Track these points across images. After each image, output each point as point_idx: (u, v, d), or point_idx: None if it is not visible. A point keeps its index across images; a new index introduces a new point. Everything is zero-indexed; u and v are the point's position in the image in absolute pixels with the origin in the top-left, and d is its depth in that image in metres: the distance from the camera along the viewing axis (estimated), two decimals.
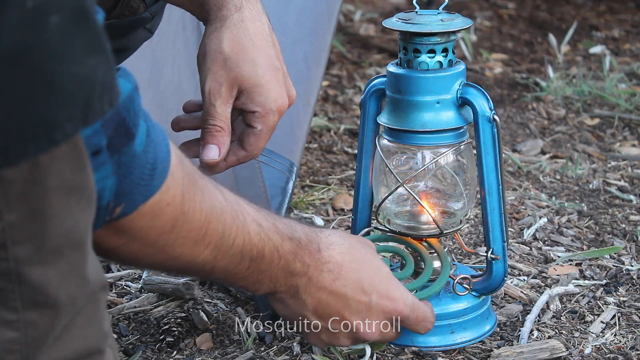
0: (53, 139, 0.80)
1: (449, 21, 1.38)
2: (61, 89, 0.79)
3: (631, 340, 1.48)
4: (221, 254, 1.09)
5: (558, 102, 2.48)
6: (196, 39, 1.71)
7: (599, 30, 3.09)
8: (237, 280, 1.16)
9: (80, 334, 0.91)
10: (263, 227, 1.13)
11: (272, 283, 1.19)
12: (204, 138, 1.32)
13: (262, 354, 1.45)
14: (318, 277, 1.22)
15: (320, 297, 1.23)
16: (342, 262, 1.23)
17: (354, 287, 1.24)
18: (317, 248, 1.22)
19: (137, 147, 0.95)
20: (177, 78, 1.76)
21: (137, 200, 0.97)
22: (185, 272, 1.13)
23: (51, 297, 0.87)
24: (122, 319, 1.56)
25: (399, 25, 1.39)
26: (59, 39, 0.79)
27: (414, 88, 1.39)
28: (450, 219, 1.47)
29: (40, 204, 0.85)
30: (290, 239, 1.18)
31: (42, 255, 0.86)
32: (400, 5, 3.36)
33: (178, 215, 1.01)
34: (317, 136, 2.29)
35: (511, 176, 2.07)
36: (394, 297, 1.27)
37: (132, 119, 0.94)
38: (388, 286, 1.27)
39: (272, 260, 1.16)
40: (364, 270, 1.26)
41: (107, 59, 0.83)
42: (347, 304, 1.24)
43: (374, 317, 1.27)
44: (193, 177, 1.03)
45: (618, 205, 1.93)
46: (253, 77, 1.32)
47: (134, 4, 1.43)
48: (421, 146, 1.42)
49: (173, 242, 1.03)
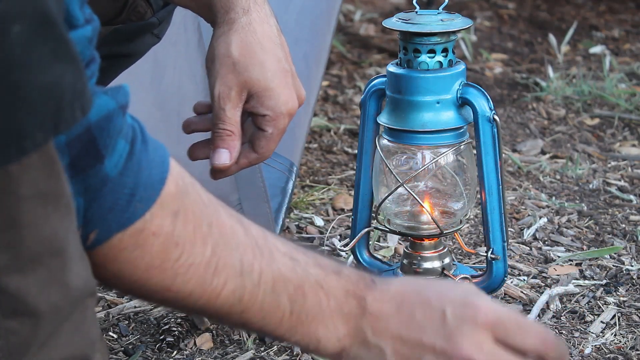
0: (22, 148, 0.79)
1: (449, 21, 1.38)
2: (28, 98, 0.78)
3: (631, 340, 1.48)
4: (246, 293, 0.96)
5: (558, 102, 2.48)
6: (197, 40, 1.71)
7: (599, 30, 3.10)
8: (287, 333, 0.99)
9: (66, 342, 0.90)
10: (299, 261, 0.98)
11: (331, 333, 1.00)
12: (215, 142, 1.31)
13: (262, 354, 1.45)
14: (380, 310, 1.01)
15: (393, 332, 1.01)
16: (402, 290, 1.02)
17: (422, 309, 1.02)
18: (372, 281, 1.02)
19: (110, 171, 0.89)
20: (179, 80, 1.76)
21: (111, 228, 0.91)
22: (221, 319, 0.99)
23: (31, 305, 0.86)
24: (122, 319, 1.56)
25: (399, 25, 1.39)
26: (22, 48, 0.78)
27: (414, 88, 1.39)
28: (450, 219, 1.47)
29: (13, 213, 0.84)
30: (336, 273, 1.00)
31: (20, 264, 0.85)
32: (400, 5, 3.36)
33: (170, 248, 0.93)
34: (317, 136, 2.29)
35: (511, 176, 2.07)
36: (475, 303, 1.01)
37: (104, 140, 0.89)
38: (467, 295, 1.02)
39: (318, 298, 0.98)
40: (431, 290, 1.03)
41: (75, 66, 0.82)
42: (422, 328, 1.01)
43: (458, 330, 1.00)
44: (198, 209, 0.95)
45: (618, 205, 1.94)
46: (262, 81, 1.31)
47: (141, 10, 1.43)
48: (421, 146, 1.42)
49: (173, 278, 0.94)
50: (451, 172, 1.46)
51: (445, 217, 1.47)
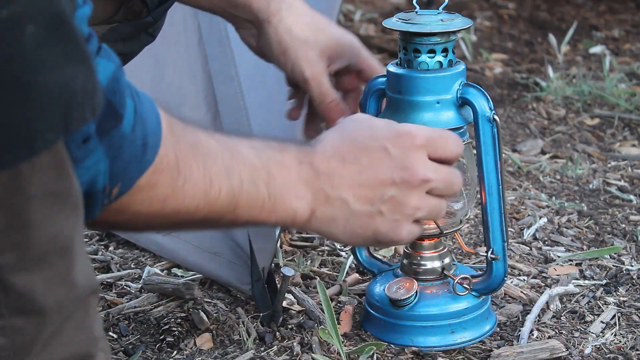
0: (32, 148, 0.80)
1: (449, 21, 1.38)
2: (39, 99, 0.79)
3: (631, 340, 1.48)
4: (236, 190, 1.05)
5: (558, 102, 2.48)
6: (197, 40, 1.71)
7: (599, 30, 3.10)
8: (268, 215, 1.08)
9: (69, 340, 0.91)
10: (258, 148, 1.08)
11: (300, 199, 1.09)
12: (329, 117, 1.41)
13: (262, 354, 1.45)
14: (329, 168, 1.11)
15: (347, 182, 1.11)
16: (336, 144, 1.13)
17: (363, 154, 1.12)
18: (309, 145, 1.13)
19: (126, 128, 0.94)
20: (179, 80, 1.76)
21: (132, 178, 0.96)
22: (211, 223, 1.07)
23: (37, 304, 0.87)
24: (122, 319, 1.56)
25: (399, 25, 1.39)
26: (35, 48, 0.79)
27: (414, 88, 1.39)
28: (450, 219, 1.47)
29: (22, 213, 0.85)
30: (284, 149, 1.10)
31: (27, 263, 0.86)
32: (400, 5, 3.36)
33: (175, 176, 1.00)
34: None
35: (511, 176, 2.07)
36: (407, 131, 1.15)
37: (118, 101, 0.93)
38: (394, 128, 1.15)
39: (282, 174, 1.08)
40: (361, 135, 1.14)
41: (87, 66, 0.83)
42: (373, 169, 1.12)
43: (404, 159, 1.13)
44: (182, 134, 1.01)
45: (618, 205, 1.94)
46: (332, 42, 1.41)
47: (137, 8, 1.43)
48: None
49: (182, 201, 1.01)
50: None
51: (445, 217, 1.47)
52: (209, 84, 1.68)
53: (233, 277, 1.58)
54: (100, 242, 1.82)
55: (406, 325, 1.46)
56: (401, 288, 1.46)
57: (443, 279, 1.48)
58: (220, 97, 1.66)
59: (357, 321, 1.53)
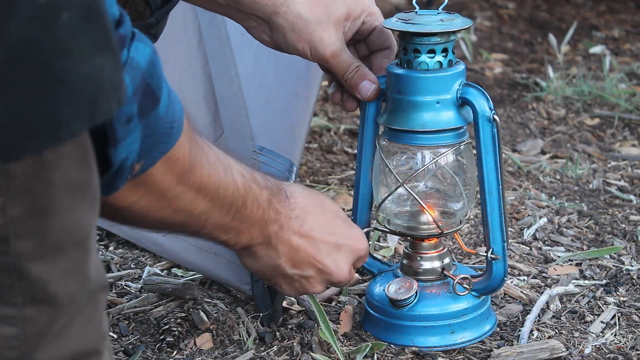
0: (58, 136, 0.81)
1: (448, 21, 1.38)
2: (68, 86, 0.80)
3: (631, 340, 1.48)
4: (216, 205, 1.13)
5: (558, 102, 2.48)
6: (197, 40, 1.71)
7: (599, 30, 3.10)
8: (222, 234, 1.19)
9: (79, 334, 0.91)
10: (246, 178, 1.18)
11: (250, 234, 1.22)
12: (353, 84, 1.42)
13: (262, 354, 1.45)
14: (288, 224, 1.26)
15: (292, 243, 1.27)
16: (306, 208, 1.28)
17: (320, 230, 1.30)
18: (285, 195, 1.26)
19: (162, 109, 0.98)
20: (179, 80, 1.76)
21: (155, 157, 1.00)
22: (183, 227, 1.14)
23: (51, 294, 0.87)
24: (122, 319, 1.56)
25: (399, 25, 1.39)
26: (69, 35, 0.79)
27: (414, 88, 1.39)
28: (450, 219, 1.47)
29: (44, 200, 0.85)
30: (266, 188, 1.22)
31: (44, 252, 0.86)
32: (400, 5, 3.36)
33: (185, 169, 1.05)
34: (317, 136, 2.29)
35: (511, 176, 2.07)
36: (357, 237, 1.35)
37: (156, 83, 0.96)
38: (350, 227, 1.35)
39: (253, 209, 1.20)
40: (327, 215, 1.32)
41: (115, 57, 0.83)
42: (317, 247, 1.29)
43: (343, 257, 1.33)
44: (194, 133, 1.07)
45: (618, 205, 1.94)
46: (344, 13, 1.42)
47: (140, 9, 1.44)
48: (421, 146, 1.42)
49: (178, 195, 1.07)
50: (451, 172, 1.46)
51: (445, 217, 1.47)
52: (209, 84, 1.68)
53: (233, 277, 1.58)
54: (100, 242, 1.82)
55: (406, 325, 1.46)
56: (401, 288, 1.46)
57: (443, 279, 1.48)
58: (220, 97, 1.66)
59: (357, 321, 1.53)
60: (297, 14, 1.40)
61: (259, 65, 1.76)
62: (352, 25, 1.43)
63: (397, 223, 1.48)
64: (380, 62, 1.46)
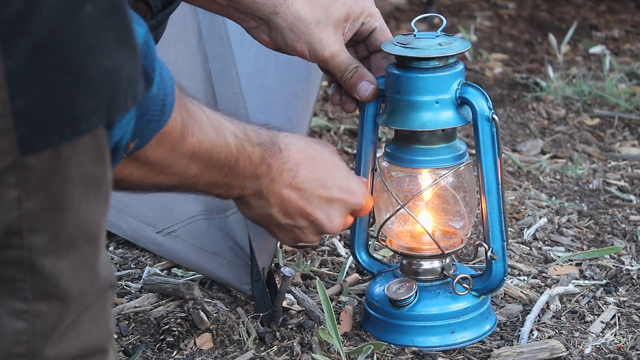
0: (77, 130, 0.81)
1: (446, 45, 1.38)
2: (88, 81, 0.80)
3: (631, 340, 1.48)
4: (208, 167, 1.16)
5: (558, 102, 2.48)
6: (197, 40, 1.71)
7: (599, 30, 3.10)
8: (214, 189, 1.22)
9: (87, 331, 0.91)
10: (239, 137, 1.19)
11: (241, 188, 1.25)
12: (351, 85, 1.43)
13: (262, 354, 1.45)
14: (280, 177, 1.27)
15: (283, 194, 1.28)
16: (299, 160, 1.29)
17: (313, 183, 1.30)
18: (279, 149, 1.27)
19: (154, 89, 0.99)
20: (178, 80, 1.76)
21: (148, 135, 1.02)
22: (176, 188, 1.18)
23: (62, 289, 0.87)
24: (122, 319, 1.56)
25: (397, 49, 1.38)
26: (91, 29, 0.79)
27: (413, 88, 1.39)
28: (451, 239, 1.47)
29: (59, 194, 0.85)
30: (259, 144, 1.24)
31: (57, 246, 0.86)
32: (400, 5, 3.36)
33: (177, 141, 1.07)
34: (317, 136, 2.29)
35: (511, 176, 2.07)
36: (354, 190, 1.34)
37: (150, 64, 0.97)
38: (348, 180, 1.34)
39: (245, 167, 1.22)
40: (322, 167, 1.32)
41: (134, 54, 0.83)
42: (309, 199, 1.30)
43: (335, 211, 1.33)
44: (186, 104, 1.08)
45: (618, 205, 1.94)
46: (343, 14, 1.42)
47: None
48: (422, 169, 1.43)
49: (172, 164, 1.09)
50: (452, 192, 1.46)
51: (446, 237, 1.48)
52: (209, 84, 1.68)
53: (233, 277, 1.58)
54: None
55: (406, 325, 1.46)
56: (401, 288, 1.46)
57: (443, 279, 1.48)
58: (220, 97, 1.66)
59: (357, 321, 1.53)
60: (296, 14, 1.40)
61: (259, 66, 1.76)
62: (351, 26, 1.43)
63: (397, 244, 1.48)
64: (380, 63, 1.46)
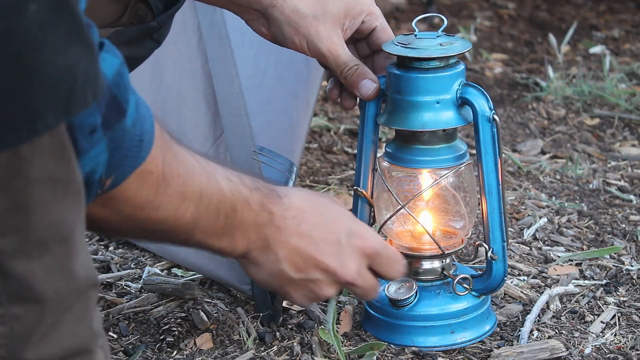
0: (34, 129, 0.80)
1: (447, 45, 1.38)
2: (42, 79, 0.79)
3: (631, 340, 1.48)
4: (201, 213, 1.10)
5: (558, 102, 2.48)
6: (197, 40, 1.71)
7: (599, 30, 3.10)
8: (216, 241, 1.15)
9: (68, 332, 0.90)
10: (233, 182, 1.14)
11: (245, 240, 1.17)
12: (352, 82, 1.41)
13: (262, 354, 1.45)
14: (284, 225, 1.19)
15: (291, 244, 1.20)
16: (302, 207, 1.22)
17: (319, 230, 1.22)
18: (278, 195, 1.20)
19: (128, 122, 0.96)
20: (179, 80, 1.76)
21: (125, 172, 0.98)
22: (169, 237, 1.12)
23: (36, 292, 0.87)
24: (122, 319, 1.56)
25: (398, 49, 1.39)
26: (38, 28, 0.78)
27: (414, 88, 1.39)
28: (451, 239, 1.47)
29: (22, 196, 0.84)
30: (256, 189, 1.17)
31: (27, 249, 0.86)
32: (400, 5, 3.36)
33: (160, 182, 1.03)
34: (317, 136, 2.29)
35: (511, 176, 2.07)
36: (362, 234, 1.26)
37: (122, 95, 0.94)
38: (355, 225, 1.26)
39: (243, 213, 1.15)
40: (326, 214, 1.25)
41: (89, 49, 0.82)
42: (318, 247, 1.22)
43: (347, 256, 1.23)
44: (170, 144, 1.05)
45: (618, 205, 1.94)
46: (342, 9, 1.42)
47: (142, 13, 1.43)
48: (422, 169, 1.43)
49: (157, 208, 1.05)
50: (452, 192, 1.46)
51: (446, 238, 1.48)
52: (209, 84, 1.68)
53: (233, 277, 1.58)
54: (100, 242, 1.82)
55: (406, 325, 1.46)
56: (401, 288, 1.46)
57: (443, 279, 1.48)
58: (220, 97, 1.66)
59: (357, 321, 1.53)
60: (294, 7, 1.39)
61: (259, 66, 1.76)
62: (351, 24, 1.42)
63: (398, 244, 1.48)
64: (382, 62, 1.46)
